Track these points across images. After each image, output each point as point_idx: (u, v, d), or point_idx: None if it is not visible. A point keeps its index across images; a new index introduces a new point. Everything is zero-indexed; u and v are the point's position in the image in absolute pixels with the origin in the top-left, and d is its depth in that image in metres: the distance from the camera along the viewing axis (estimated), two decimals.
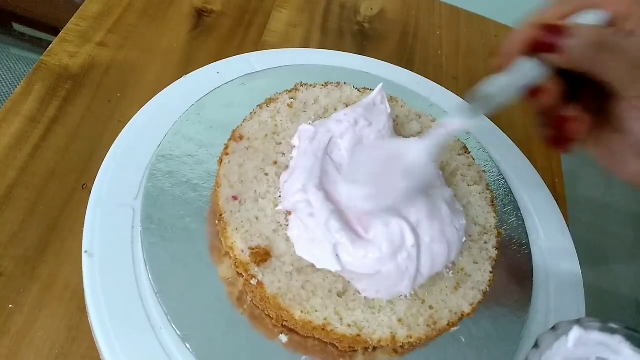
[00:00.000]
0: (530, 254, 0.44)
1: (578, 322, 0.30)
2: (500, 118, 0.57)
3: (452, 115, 0.33)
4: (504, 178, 0.49)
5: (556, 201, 0.51)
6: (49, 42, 0.51)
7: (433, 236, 0.36)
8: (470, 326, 0.38)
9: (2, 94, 0.75)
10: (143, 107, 0.45)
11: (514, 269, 0.43)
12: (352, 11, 0.68)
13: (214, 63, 0.50)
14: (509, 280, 0.41)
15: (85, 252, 0.36)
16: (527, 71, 0.31)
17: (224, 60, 0.51)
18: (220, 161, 0.38)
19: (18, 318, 0.36)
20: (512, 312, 0.40)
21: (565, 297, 0.44)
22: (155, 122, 0.44)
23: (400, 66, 0.58)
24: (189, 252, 0.37)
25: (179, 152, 0.42)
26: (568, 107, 0.32)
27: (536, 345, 0.31)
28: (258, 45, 0.59)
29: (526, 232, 0.46)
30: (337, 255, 0.34)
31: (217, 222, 0.37)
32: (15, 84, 0.77)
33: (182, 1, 0.60)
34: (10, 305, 0.36)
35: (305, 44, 0.61)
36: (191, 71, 0.49)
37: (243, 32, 0.60)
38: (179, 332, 0.33)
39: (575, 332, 0.30)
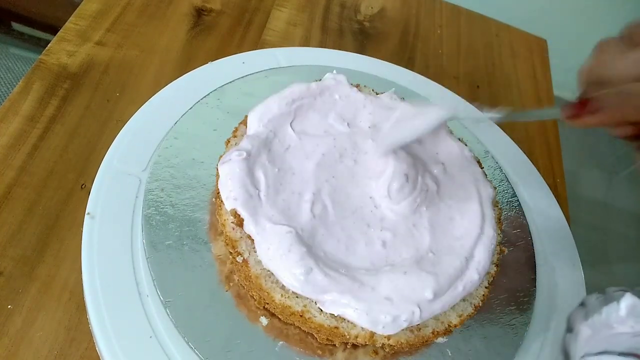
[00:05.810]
0: (534, 279, 0.43)
1: (631, 290, 0.26)
2: None
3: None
4: (517, 200, 0.47)
5: (557, 201, 0.50)
6: (48, 41, 0.51)
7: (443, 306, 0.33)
8: (459, 341, 0.37)
9: (0, 93, 0.75)
10: (168, 85, 0.46)
11: (516, 291, 0.41)
12: (352, 10, 0.68)
13: (241, 53, 0.52)
14: (508, 302, 0.40)
15: (88, 214, 0.37)
16: None
17: (251, 52, 0.52)
18: (228, 142, 0.39)
19: (17, 318, 0.36)
20: (507, 334, 0.38)
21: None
22: (176, 101, 0.45)
23: (400, 65, 0.57)
24: (187, 227, 0.38)
25: (193, 132, 0.43)
26: None
27: (582, 304, 0.27)
28: (258, 44, 0.59)
29: (534, 256, 0.44)
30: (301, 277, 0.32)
31: (214, 199, 0.37)
32: (14, 84, 0.76)
33: (182, 0, 0.60)
34: (9, 306, 0.36)
35: (305, 43, 0.61)
36: (190, 70, 0.49)
37: (243, 31, 0.60)
38: (162, 298, 0.34)
39: (629, 300, 0.25)
